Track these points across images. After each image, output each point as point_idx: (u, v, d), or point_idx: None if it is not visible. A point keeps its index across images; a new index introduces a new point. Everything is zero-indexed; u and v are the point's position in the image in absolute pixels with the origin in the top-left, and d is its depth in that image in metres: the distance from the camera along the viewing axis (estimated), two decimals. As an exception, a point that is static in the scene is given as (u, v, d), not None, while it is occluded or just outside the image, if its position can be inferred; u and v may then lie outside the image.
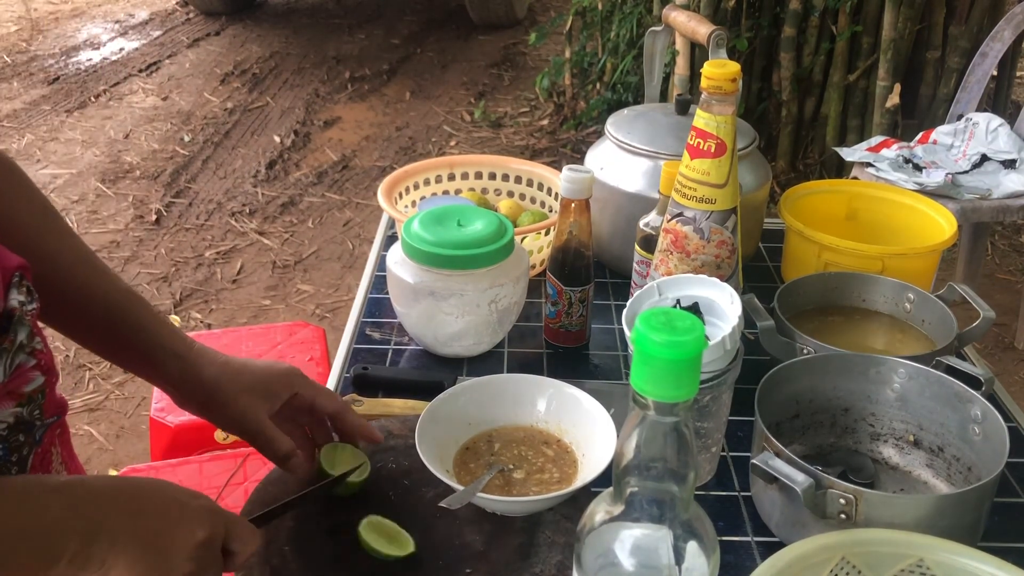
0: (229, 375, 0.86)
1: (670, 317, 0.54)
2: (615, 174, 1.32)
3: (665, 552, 0.58)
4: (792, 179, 3.54)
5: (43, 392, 0.75)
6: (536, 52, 5.20)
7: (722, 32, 1.29)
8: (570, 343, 1.21)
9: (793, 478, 0.82)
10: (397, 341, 1.23)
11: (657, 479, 0.58)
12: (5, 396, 0.71)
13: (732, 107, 0.93)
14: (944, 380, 0.95)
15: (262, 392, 0.87)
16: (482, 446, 0.94)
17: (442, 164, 1.51)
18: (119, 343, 0.84)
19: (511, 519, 0.88)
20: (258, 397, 0.86)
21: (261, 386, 0.87)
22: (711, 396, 0.92)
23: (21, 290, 0.72)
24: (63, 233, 0.83)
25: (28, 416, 0.73)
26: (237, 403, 0.85)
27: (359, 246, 3.36)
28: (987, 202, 2.33)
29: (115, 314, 0.83)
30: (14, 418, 0.72)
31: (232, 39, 5.47)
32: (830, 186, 1.48)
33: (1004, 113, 3.19)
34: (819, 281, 1.20)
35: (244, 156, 4.03)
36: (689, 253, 0.99)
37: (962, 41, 3.23)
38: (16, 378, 0.72)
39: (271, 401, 0.87)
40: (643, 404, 0.56)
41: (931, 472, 0.98)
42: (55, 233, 0.82)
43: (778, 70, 3.50)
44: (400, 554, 0.83)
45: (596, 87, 4.06)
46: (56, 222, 0.83)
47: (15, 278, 0.73)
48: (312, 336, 2.04)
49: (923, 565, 0.72)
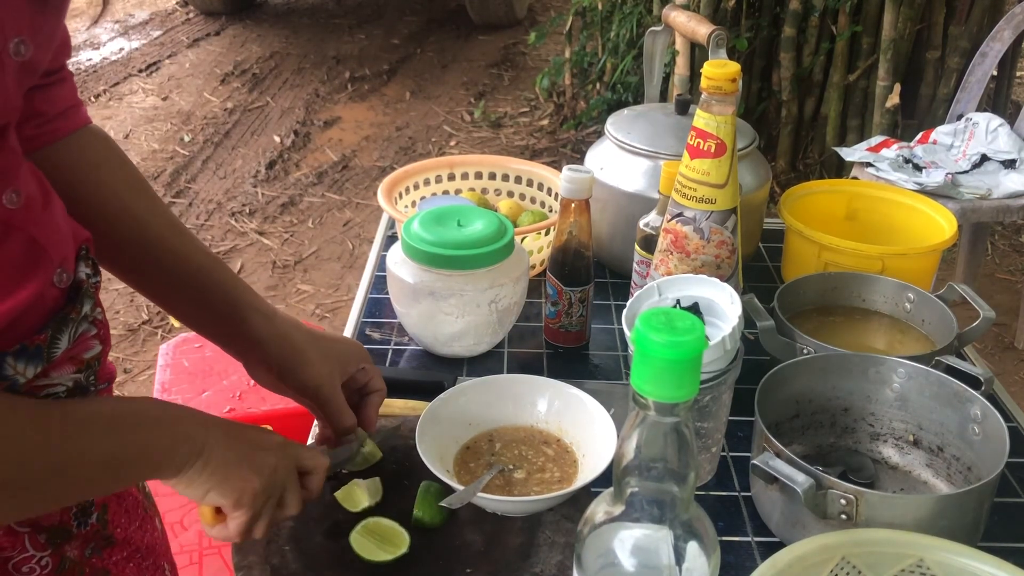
0: (313, 339, 0.88)
1: (670, 317, 0.54)
2: (615, 174, 1.32)
3: (665, 552, 0.58)
4: (792, 179, 3.54)
5: (99, 359, 0.79)
6: (536, 52, 5.20)
7: (722, 32, 1.29)
8: (570, 343, 1.21)
9: (793, 478, 0.82)
10: (397, 341, 1.23)
11: (657, 479, 0.58)
12: (67, 362, 0.75)
13: (732, 107, 0.93)
14: (944, 380, 0.95)
15: (341, 361, 0.89)
16: (482, 446, 0.95)
17: (442, 164, 1.51)
18: (207, 305, 0.87)
19: (511, 519, 0.88)
20: (336, 365, 0.89)
21: (340, 355, 0.90)
22: (711, 396, 0.92)
23: (87, 263, 0.77)
24: (153, 200, 0.86)
25: (85, 381, 0.78)
26: (317, 367, 0.87)
27: (359, 246, 3.36)
28: (987, 202, 2.33)
29: (204, 276, 0.86)
30: (73, 383, 0.76)
31: (232, 39, 5.47)
32: (830, 186, 1.48)
33: (1004, 113, 3.19)
34: (819, 281, 1.20)
35: (244, 156, 4.03)
36: (689, 253, 0.99)
37: (962, 41, 3.23)
38: (78, 345, 0.76)
39: (345, 371, 0.90)
40: (643, 404, 0.56)
41: (931, 472, 0.98)
42: (146, 200, 0.85)
43: (778, 70, 3.50)
44: (388, 558, 0.83)
45: (596, 87, 4.06)
46: (147, 190, 0.86)
47: (82, 251, 0.77)
48: (312, 336, 2.03)
49: (923, 565, 0.72)
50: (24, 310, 0.70)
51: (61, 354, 0.74)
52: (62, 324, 0.73)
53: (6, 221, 0.68)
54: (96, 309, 0.78)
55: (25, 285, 0.70)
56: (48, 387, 0.74)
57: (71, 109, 0.81)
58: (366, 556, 0.83)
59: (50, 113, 0.79)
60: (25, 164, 0.73)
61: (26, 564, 0.77)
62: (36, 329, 0.71)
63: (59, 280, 0.73)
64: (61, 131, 0.80)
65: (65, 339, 0.74)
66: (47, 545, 0.78)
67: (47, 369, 0.73)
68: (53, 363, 0.74)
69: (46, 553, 0.78)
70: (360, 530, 0.85)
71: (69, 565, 0.81)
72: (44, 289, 0.72)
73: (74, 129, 0.81)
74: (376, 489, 0.91)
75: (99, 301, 0.80)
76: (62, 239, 0.74)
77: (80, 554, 0.83)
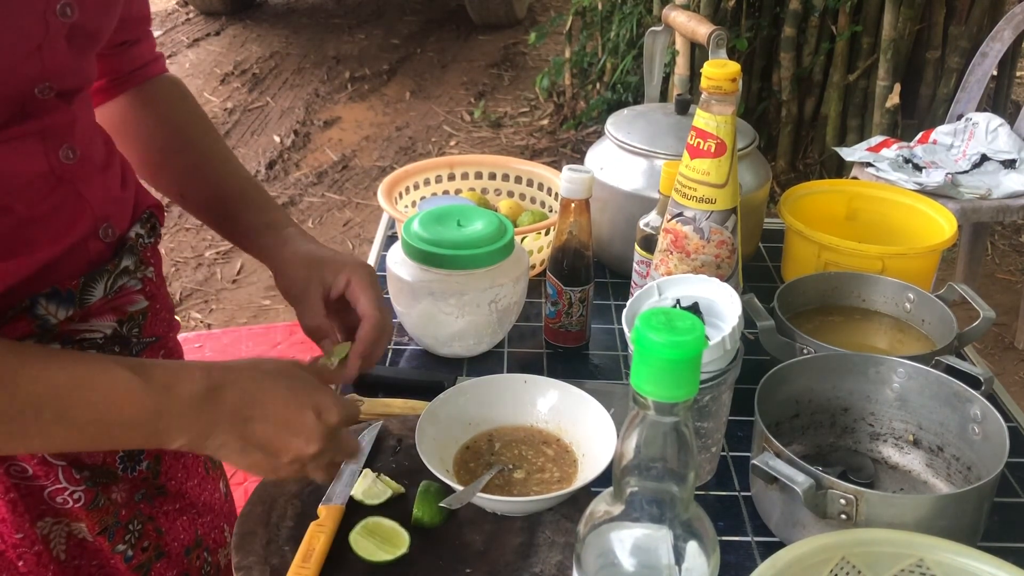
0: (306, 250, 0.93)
1: (670, 317, 0.54)
2: (615, 174, 1.32)
3: (665, 552, 0.58)
4: (792, 179, 3.54)
5: (144, 314, 0.87)
6: (536, 52, 5.19)
7: (722, 32, 1.29)
8: (570, 343, 1.21)
9: (793, 478, 0.82)
10: (397, 341, 1.23)
11: (657, 479, 0.58)
12: (108, 311, 0.83)
13: (732, 107, 0.93)
14: (944, 380, 0.95)
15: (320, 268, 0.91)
16: (482, 446, 0.95)
17: (442, 164, 1.51)
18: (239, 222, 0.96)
19: (511, 519, 0.88)
20: (314, 271, 0.91)
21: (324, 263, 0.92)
22: (711, 396, 0.92)
23: (146, 226, 0.88)
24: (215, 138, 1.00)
25: (125, 332, 0.85)
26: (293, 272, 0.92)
27: (359, 246, 3.36)
28: (987, 202, 2.33)
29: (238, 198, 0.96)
30: (111, 331, 0.83)
31: (232, 39, 5.47)
32: (830, 186, 1.48)
33: (1004, 113, 3.19)
34: (819, 281, 1.20)
35: (244, 156, 4.03)
36: (689, 253, 0.99)
37: (962, 41, 3.23)
38: (120, 297, 0.84)
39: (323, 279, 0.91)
40: (643, 404, 0.56)
41: (931, 472, 0.98)
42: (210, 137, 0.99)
43: (778, 70, 3.50)
44: (388, 558, 0.83)
45: (596, 87, 4.06)
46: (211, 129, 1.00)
47: (144, 214, 0.89)
48: (312, 336, 2.03)
49: (923, 565, 0.72)
50: (60, 257, 0.77)
51: (99, 302, 0.81)
52: (98, 274, 0.80)
53: (58, 175, 0.76)
54: (146, 268, 0.88)
55: (65, 235, 0.77)
56: (86, 332, 0.81)
57: (151, 63, 0.96)
58: (366, 556, 0.83)
59: (126, 70, 0.93)
60: (94, 129, 0.84)
61: (60, 495, 0.82)
62: (73, 276, 0.78)
63: (104, 235, 0.81)
64: (137, 80, 0.94)
65: (100, 288, 0.81)
66: (83, 481, 0.82)
67: (85, 314, 0.80)
68: (90, 309, 0.80)
69: (79, 488, 0.82)
70: (360, 530, 0.85)
71: (104, 503, 0.85)
72: (86, 241, 0.79)
73: (149, 78, 0.96)
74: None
75: (153, 262, 0.90)
76: (112, 200, 0.83)
77: (127, 497, 0.87)
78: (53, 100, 0.74)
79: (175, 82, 1.00)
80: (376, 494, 0.90)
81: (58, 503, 0.82)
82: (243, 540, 0.84)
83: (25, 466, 0.80)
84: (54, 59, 0.72)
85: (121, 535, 0.86)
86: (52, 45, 0.71)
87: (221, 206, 0.97)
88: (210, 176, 0.97)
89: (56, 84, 0.73)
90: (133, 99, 0.95)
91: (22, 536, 0.81)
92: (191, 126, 0.99)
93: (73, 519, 0.83)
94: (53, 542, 0.83)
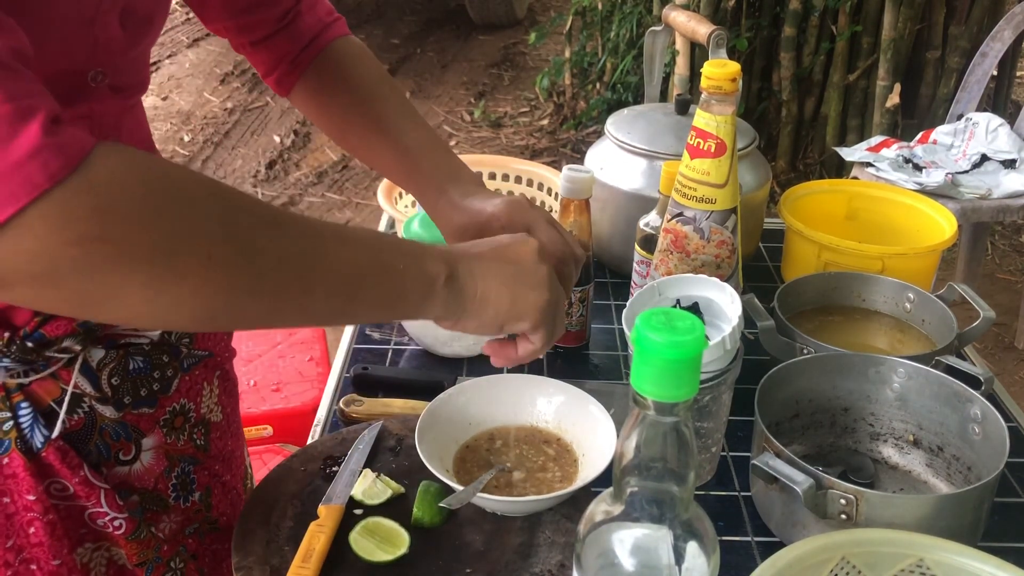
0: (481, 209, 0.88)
1: (670, 317, 0.54)
2: (615, 174, 1.32)
3: (665, 552, 0.58)
4: (792, 179, 3.54)
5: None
6: (536, 52, 5.19)
7: (722, 32, 1.29)
8: (570, 343, 1.21)
9: (793, 478, 0.82)
10: (397, 341, 1.23)
11: (657, 479, 0.58)
12: None
13: (732, 107, 0.93)
14: (944, 380, 0.95)
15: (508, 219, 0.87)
16: (482, 446, 0.94)
17: (442, 164, 1.51)
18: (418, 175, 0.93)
19: (511, 519, 0.88)
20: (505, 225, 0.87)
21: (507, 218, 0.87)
22: (711, 396, 0.92)
23: None
24: (395, 88, 0.98)
25: (175, 340, 0.84)
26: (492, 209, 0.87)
27: (359, 246, 3.36)
28: (987, 202, 2.33)
29: (416, 152, 0.94)
30: (159, 336, 0.82)
31: (232, 39, 5.46)
32: (830, 186, 1.48)
33: (1004, 113, 3.19)
34: (819, 281, 1.20)
35: (244, 156, 4.03)
36: (689, 253, 0.99)
37: (962, 41, 3.23)
38: None
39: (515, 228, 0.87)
40: (643, 404, 0.56)
41: (931, 472, 0.98)
42: (388, 86, 0.97)
43: (778, 70, 3.50)
44: (388, 558, 0.83)
45: (596, 87, 4.06)
46: (388, 80, 0.98)
47: None
48: (312, 336, 2.04)
49: (923, 565, 0.72)
50: None
51: None
52: None
53: None
54: None
55: None
56: (132, 336, 0.79)
57: (323, 30, 0.94)
58: (366, 556, 0.83)
59: (296, 49, 0.92)
60: (142, 137, 0.83)
61: (100, 518, 0.80)
62: None
63: None
64: (314, 52, 0.93)
65: None
66: (125, 508, 0.80)
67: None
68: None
69: (121, 515, 0.80)
70: (360, 530, 0.85)
71: (146, 535, 0.83)
72: None
73: (326, 45, 0.94)
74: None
75: None
76: None
77: (177, 529, 0.85)
78: (105, 90, 0.74)
79: (352, 45, 0.98)
80: (376, 494, 0.90)
81: (99, 525, 0.80)
82: (243, 540, 0.84)
83: (66, 484, 0.77)
84: (107, 38, 0.71)
85: (160, 572, 0.84)
86: (104, 21, 0.70)
87: (405, 168, 0.94)
88: (392, 135, 0.94)
89: (109, 74, 0.73)
90: (322, 66, 0.94)
91: (59, 563, 0.78)
92: (372, 89, 0.96)
93: (113, 543, 0.81)
94: (93, 572, 0.81)
